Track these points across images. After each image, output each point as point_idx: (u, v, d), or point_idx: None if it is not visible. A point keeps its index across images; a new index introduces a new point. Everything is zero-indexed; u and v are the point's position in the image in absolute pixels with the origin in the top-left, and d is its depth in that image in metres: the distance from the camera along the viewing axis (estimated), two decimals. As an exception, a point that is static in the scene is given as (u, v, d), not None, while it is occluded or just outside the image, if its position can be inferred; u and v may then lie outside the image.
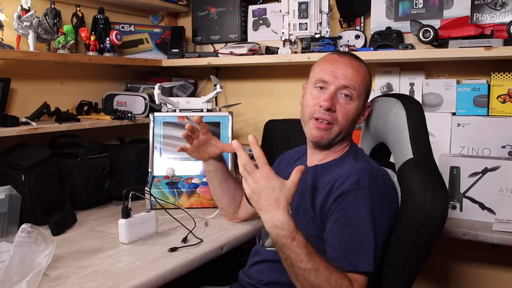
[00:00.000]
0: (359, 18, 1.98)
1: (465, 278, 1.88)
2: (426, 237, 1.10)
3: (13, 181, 1.52)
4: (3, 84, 1.70)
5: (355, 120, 1.25)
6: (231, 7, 2.22)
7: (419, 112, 1.21)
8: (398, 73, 1.90)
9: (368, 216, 1.08)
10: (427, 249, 1.12)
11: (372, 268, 1.05)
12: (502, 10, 1.67)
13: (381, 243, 1.10)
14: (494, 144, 1.67)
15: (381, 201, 1.12)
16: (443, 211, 1.08)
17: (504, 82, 1.68)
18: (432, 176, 1.12)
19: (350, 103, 1.22)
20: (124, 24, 2.22)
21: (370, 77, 1.27)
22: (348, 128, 1.25)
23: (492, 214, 1.55)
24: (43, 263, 1.10)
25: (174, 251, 1.35)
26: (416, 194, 1.10)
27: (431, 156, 1.17)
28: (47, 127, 1.71)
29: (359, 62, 1.26)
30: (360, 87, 1.22)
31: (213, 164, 1.47)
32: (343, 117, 1.21)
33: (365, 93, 1.25)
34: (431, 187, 1.09)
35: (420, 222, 1.08)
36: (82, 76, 2.14)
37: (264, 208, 1.03)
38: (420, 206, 1.08)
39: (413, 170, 1.14)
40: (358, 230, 1.08)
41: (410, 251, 1.12)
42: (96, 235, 1.49)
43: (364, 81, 1.24)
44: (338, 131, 1.23)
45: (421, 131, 1.19)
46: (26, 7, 1.72)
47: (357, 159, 1.24)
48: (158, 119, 1.89)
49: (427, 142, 1.19)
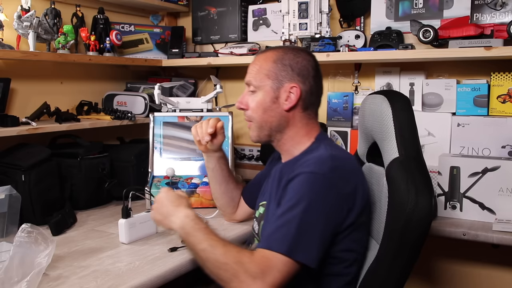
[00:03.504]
0: (359, 18, 1.98)
1: (465, 278, 1.88)
2: (411, 240, 1.06)
3: (13, 181, 1.52)
4: (3, 84, 1.70)
5: (270, 109, 1.22)
6: (231, 7, 2.22)
7: (406, 109, 1.17)
8: (398, 73, 1.90)
9: (305, 202, 1.04)
10: (413, 253, 1.08)
11: (285, 251, 1.00)
12: (502, 10, 1.67)
13: (316, 229, 1.04)
14: (494, 144, 1.67)
15: (323, 187, 1.07)
16: (427, 211, 1.05)
17: (504, 82, 1.68)
18: (417, 176, 1.08)
19: (256, 96, 1.23)
20: (124, 24, 2.22)
21: (278, 59, 1.21)
22: (266, 118, 1.23)
23: (492, 214, 1.55)
24: (43, 263, 1.10)
25: (174, 251, 1.35)
26: (400, 195, 1.07)
27: (419, 155, 1.14)
28: (47, 127, 1.71)
29: (263, 52, 1.25)
30: (257, 77, 1.22)
31: (213, 161, 1.46)
32: (253, 111, 1.24)
33: (268, 78, 1.21)
34: (414, 186, 1.06)
35: (403, 224, 1.05)
36: (82, 76, 2.14)
37: (170, 213, 1.21)
38: (403, 207, 1.05)
39: (398, 169, 1.10)
40: (286, 212, 1.05)
41: (396, 254, 1.08)
42: (96, 235, 1.49)
43: (262, 67, 1.22)
44: (258, 125, 1.24)
45: (408, 129, 1.15)
46: (26, 7, 1.71)
47: (318, 150, 1.19)
48: (158, 119, 1.89)
49: (415, 140, 1.15)
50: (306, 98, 1.22)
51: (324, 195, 1.06)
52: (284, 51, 1.24)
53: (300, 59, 1.22)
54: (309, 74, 1.22)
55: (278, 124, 1.23)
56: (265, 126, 1.24)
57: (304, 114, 1.23)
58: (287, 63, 1.21)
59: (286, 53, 1.22)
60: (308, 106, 1.23)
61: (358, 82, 2.00)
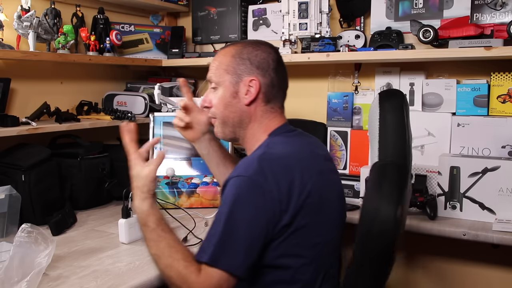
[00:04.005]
0: (359, 18, 1.98)
1: (465, 278, 1.88)
2: (371, 253, 1.00)
3: (13, 181, 1.52)
4: (3, 84, 1.70)
5: (231, 104, 1.19)
6: (231, 7, 2.22)
7: (395, 110, 1.08)
8: (398, 73, 1.90)
9: (228, 208, 1.01)
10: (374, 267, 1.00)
11: (208, 259, 0.99)
12: (502, 10, 1.67)
13: (240, 235, 1.00)
14: (494, 144, 1.67)
15: (247, 190, 1.02)
16: (390, 225, 0.96)
17: (504, 82, 1.68)
18: (386, 184, 1.00)
19: (217, 92, 1.22)
20: (124, 24, 2.22)
21: (236, 53, 1.19)
22: (228, 114, 1.20)
23: (492, 214, 1.55)
24: (43, 263, 1.10)
25: (174, 251, 1.35)
26: (365, 203, 1.02)
27: (401, 161, 1.05)
28: (47, 127, 1.71)
29: (223, 48, 1.24)
30: (216, 73, 1.21)
31: (205, 146, 1.42)
32: (216, 107, 1.22)
33: (227, 73, 1.19)
34: (379, 196, 0.99)
35: (364, 234, 1.00)
36: (82, 76, 2.14)
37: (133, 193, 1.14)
38: (365, 217, 1.00)
39: (373, 175, 1.04)
40: (215, 221, 1.03)
41: (360, 268, 1.02)
42: (96, 235, 1.49)
43: (221, 63, 1.20)
44: (221, 121, 1.22)
45: (394, 132, 1.07)
46: (26, 7, 1.71)
47: (259, 150, 1.15)
48: (158, 119, 1.89)
49: (401, 145, 1.06)
50: (267, 91, 1.18)
51: (248, 198, 1.02)
52: (243, 45, 1.21)
53: (259, 52, 1.19)
54: (269, 66, 1.19)
55: (240, 119, 1.20)
56: (227, 122, 1.21)
57: (266, 108, 1.20)
58: (245, 56, 1.18)
59: (245, 47, 1.20)
60: (270, 99, 1.19)
61: (358, 82, 1.99)
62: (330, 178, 1.20)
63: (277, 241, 1.05)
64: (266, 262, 1.06)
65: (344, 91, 2.00)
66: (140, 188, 1.12)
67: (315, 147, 1.24)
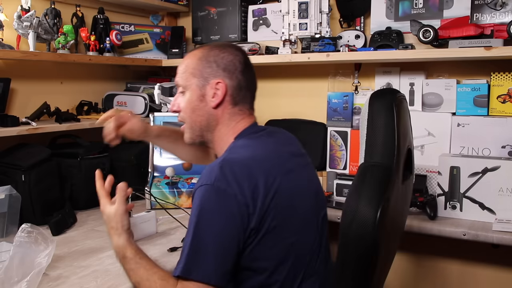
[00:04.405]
0: (359, 18, 1.98)
1: (465, 278, 1.88)
2: (350, 258, 0.98)
3: (13, 181, 1.52)
4: (3, 84, 1.70)
5: (198, 107, 1.18)
6: (231, 7, 2.22)
7: (384, 110, 1.04)
8: (398, 73, 1.90)
9: (195, 218, 1.00)
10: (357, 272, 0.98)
11: (180, 272, 0.98)
12: (502, 10, 1.67)
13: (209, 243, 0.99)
14: (494, 144, 1.67)
15: (210, 198, 1.01)
16: (368, 230, 0.93)
17: (504, 82, 1.68)
18: (366, 187, 0.98)
19: (184, 95, 1.20)
20: (124, 24, 2.22)
21: (203, 56, 1.18)
22: (195, 118, 1.19)
23: (492, 214, 1.55)
24: (43, 263, 1.10)
25: (174, 251, 1.35)
26: (346, 204, 1.00)
27: (385, 162, 1.01)
28: (47, 127, 1.71)
29: (191, 52, 1.22)
30: (183, 76, 1.19)
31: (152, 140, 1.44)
32: (184, 111, 1.21)
33: (194, 76, 1.18)
34: (358, 198, 0.97)
35: (344, 235, 0.98)
36: (82, 76, 2.14)
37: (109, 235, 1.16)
38: (345, 217, 0.97)
39: (356, 176, 1.02)
40: (187, 233, 1.02)
41: (341, 272, 1.00)
42: (96, 235, 1.49)
43: (188, 66, 1.19)
44: (189, 126, 1.21)
45: (381, 133, 1.03)
46: (26, 7, 1.71)
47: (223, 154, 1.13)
48: (158, 119, 1.89)
49: (388, 146, 1.02)
50: (234, 94, 1.17)
51: (213, 207, 1.01)
52: (210, 47, 1.20)
53: (226, 54, 1.18)
54: (236, 69, 1.17)
55: (207, 123, 1.19)
56: (195, 127, 1.20)
57: (234, 110, 1.18)
58: (211, 59, 1.17)
59: (211, 50, 1.19)
60: (238, 102, 1.18)
61: (358, 82, 2.00)
62: (300, 175, 1.17)
63: (251, 245, 1.04)
64: (242, 265, 1.05)
65: (344, 91, 2.00)
66: (114, 227, 1.15)
67: (281, 146, 1.22)
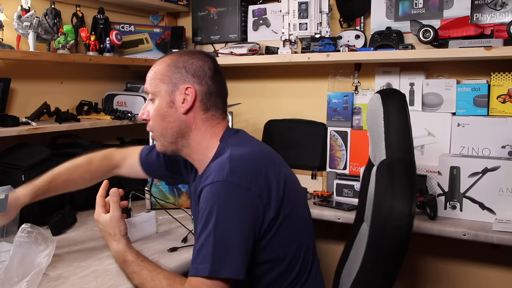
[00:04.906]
0: (359, 18, 1.98)
1: (465, 278, 1.88)
2: (386, 250, 1.01)
3: (13, 181, 1.52)
4: (3, 84, 1.70)
5: (168, 114, 1.17)
6: (231, 7, 2.22)
7: (398, 109, 1.10)
8: (398, 73, 1.90)
9: (213, 217, 1.00)
10: (389, 264, 1.02)
11: (208, 272, 0.97)
12: (502, 10, 1.67)
13: (233, 239, 0.99)
14: (494, 144, 1.67)
15: (227, 193, 1.02)
16: (405, 221, 0.98)
17: (504, 82, 1.68)
18: (398, 181, 1.02)
19: (154, 103, 1.19)
20: (124, 24, 2.22)
21: (172, 62, 1.18)
22: (165, 125, 1.18)
23: (492, 214, 1.55)
24: (43, 263, 1.10)
25: (174, 251, 1.35)
26: (378, 200, 1.03)
27: (408, 159, 1.07)
28: (47, 127, 1.71)
29: (160, 58, 1.22)
30: (152, 83, 1.18)
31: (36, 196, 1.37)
32: (153, 120, 1.19)
33: (163, 83, 1.17)
34: (393, 193, 1.00)
35: (378, 231, 1.01)
36: (82, 76, 2.14)
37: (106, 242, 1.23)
38: (380, 214, 1.01)
39: (381, 172, 1.05)
40: (201, 232, 1.01)
41: (374, 264, 1.03)
42: (96, 235, 1.49)
43: (157, 73, 1.18)
44: (159, 134, 1.19)
45: (399, 130, 1.09)
46: (26, 7, 1.71)
47: (222, 153, 1.13)
48: (158, 119, 1.89)
49: (406, 142, 1.08)
50: (204, 99, 1.17)
51: (229, 201, 1.01)
52: (179, 54, 1.20)
53: (195, 60, 1.18)
54: (206, 74, 1.18)
55: (178, 129, 1.17)
56: (166, 134, 1.18)
57: (206, 116, 1.18)
58: (181, 65, 1.17)
59: (181, 56, 1.19)
60: (209, 107, 1.18)
61: (358, 82, 2.00)
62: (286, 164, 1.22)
63: (269, 235, 1.06)
64: (262, 259, 1.06)
65: (344, 91, 2.00)
66: (112, 233, 1.21)
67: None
